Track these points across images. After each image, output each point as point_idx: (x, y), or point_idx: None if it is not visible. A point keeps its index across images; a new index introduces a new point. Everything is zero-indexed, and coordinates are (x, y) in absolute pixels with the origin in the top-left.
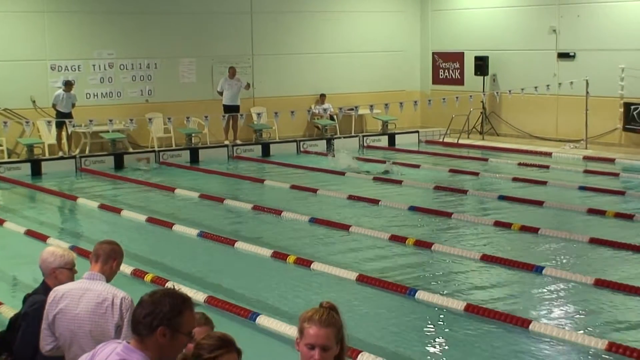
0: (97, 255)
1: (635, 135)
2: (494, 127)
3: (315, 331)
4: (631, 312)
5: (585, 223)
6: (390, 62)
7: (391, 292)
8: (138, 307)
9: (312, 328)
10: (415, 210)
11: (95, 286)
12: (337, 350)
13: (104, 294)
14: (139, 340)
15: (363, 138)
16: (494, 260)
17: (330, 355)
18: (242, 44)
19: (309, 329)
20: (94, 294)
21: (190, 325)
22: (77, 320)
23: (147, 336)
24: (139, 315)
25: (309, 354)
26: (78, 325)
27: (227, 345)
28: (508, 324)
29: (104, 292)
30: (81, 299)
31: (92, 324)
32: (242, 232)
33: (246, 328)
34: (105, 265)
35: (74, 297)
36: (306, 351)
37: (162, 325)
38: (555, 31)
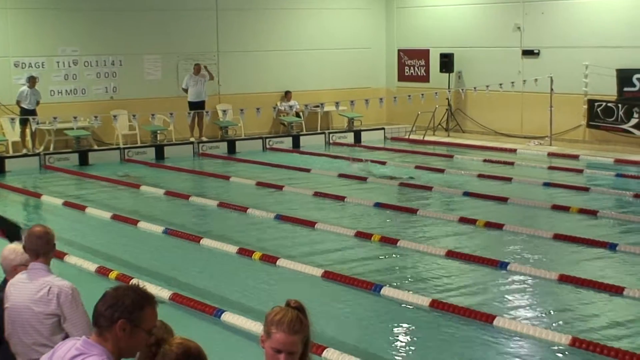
0: (35, 246)
1: (599, 132)
2: (460, 124)
3: (283, 338)
4: (594, 307)
5: (550, 219)
6: (356, 59)
7: (356, 289)
8: (101, 300)
9: (279, 334)
10: (381, 206)
11: (36, 276)
12: (301, 349)
13: (43, 284)
14: (99, 333)
15: (329, 135)
16: (459, 256)
17: (295, 357)
18: (208, 41)
19: (277, 334)
20: (35, 285)
21: (150, 323)
22: (15, 310)
23: (107, 329)
24: (100, 307)
25: (275, 357)
26: (17, 314)
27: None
28: (473, 320)
29: (44, 282)
30: (23, 290)
31: (30, 314)
32: (207, 229)
33: (211, 325)
34: (46, 255)
35: (18, 288)
36: (272, 353)
37: (122, 318)
38: (519, 28)
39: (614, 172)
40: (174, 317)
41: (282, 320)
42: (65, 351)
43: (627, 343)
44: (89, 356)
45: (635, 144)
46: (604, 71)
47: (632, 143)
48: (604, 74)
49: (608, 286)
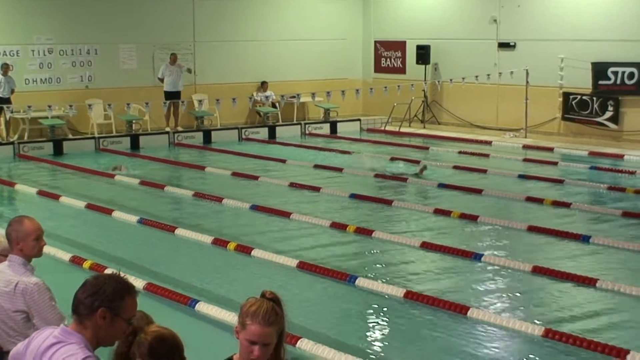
0: (9, 237)
1: (573, 125)
2: (435, 116)
3: (258, 330)
4: (568, 298)
5: (524, 211)
6: (332, 50)
7: (331, 279)
8: (81, 288)
9: (254, 325)
10: (356, 197)
11: (8, 269)
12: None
13: (11, 279)
14: (78, 321)
15: (305, 126)
16: (434, 248)
17: (270, 348)
18: (184, 30)
19: (252, 326)
20: (4, 278)
21: (130, 312)
22: None
23: (86, 317)
24: (80, 295)
25: (249, 348)
26: None
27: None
28: (447, 311)
29: (12, 276)
30: None
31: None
32: (182, 219)
33: (185, 315)
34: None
35: None
36: (246, 345)
37: (103, 306)
38: (496, 21)
39: (588, 164)
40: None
41: (257, 312)
42: (43, 339)
43: (599, 334)
44: (66, 344)
45: (609, 136)
46: (579, 64)
47: (607, 136)
48: (579, 67)
49: (581, 278)
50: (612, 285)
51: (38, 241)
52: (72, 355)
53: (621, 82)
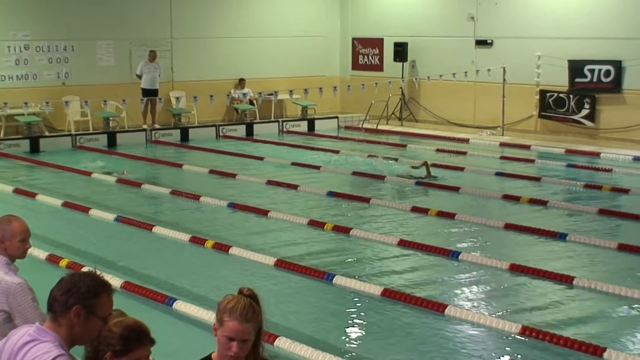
0: None
1: (550, 122)
2: (413, 113)
3: (236, 326)
4: (545, 296)
5: (501, 209)
6: (310, 47)
7: (309, 277)
8: (56, 286)
9: (232, 322)
10: (334, 195)
11: None
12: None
13: None
14: (53, 319)
15: (282, 123)
16: (411, 246)
17: (248, 345)
18: (161, 27)
19: (229, 322)
20: None
21: (106, 310)
22: None
23: (61, 314)
24: (56, 293)
25: (228, 345)
26: None
27: (141, 338)
28: (425, 309)
29: None
30: None
31: None
32: (159, 216)
33: (163, 313)
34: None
35: None
36: (225, 341)
37: (77, 304)
38: (473, 18)
39: (565, 162)
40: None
41: (234, 309)
42: (18, 337)
43: (576, 332)
44: (41, 342)
45: (585, 134)
46: (555, 62)
47: (583, 133)
48: (555, 64)
49: (558, 275)
50: (589, 282)
51: (24, 243)
52: (46, 353)
53: (598, 79)
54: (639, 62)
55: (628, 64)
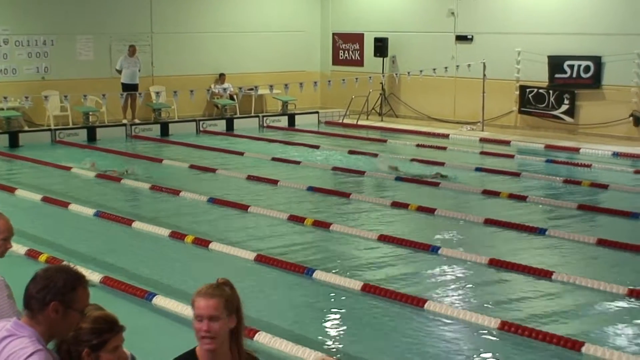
0: None
1: (530, 118)
2: (393, 109)
3: (201, 302)
4: (524, 291)
5: (481, 204)
6: (290, 43)
7: (289, 272)
8: (31, 282)
9: (198, 300)
10: (314, 190)
11: None
12: (233, 323)
13: None
14: (30, 316)
15: (263, 118)
16: (391, 240)
17: (221, 326)
18: (141, 21)
19: (196, 302)
20: None
21: (83, 303)
22: None
23: (39, 311)
24: (32, 290)
25: (199, 326)
26: None
27: (114, 327)
28: (404, 303)
29: None
30: None
31: None
32: (139, 211)
33: (142, 308)
34: None
35: None
36: (196, 324)
37: (55, 300)
38: (453, 14)
39: (545, 157)
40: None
41: (201, 290)
42: None
43: (555, 326)
44: (18, 337)
45: (565, 130)
46: (535, 57)
47: (562, 129)
48: (535, 60)
49: (537, 270)
50: (568, 277)
51: (5, 242)
52: (23, 348)
53: (577, 75)
54: (618, 57)
55: (607, 59)
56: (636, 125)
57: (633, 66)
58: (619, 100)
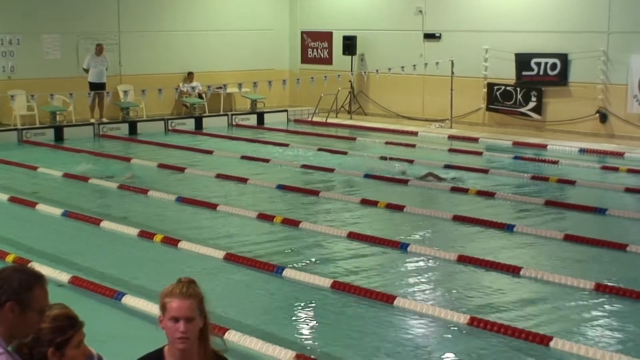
0: None
1: (498, 115)
2: (362, 107)
3: (178, 304)
4: (492, 287)
5: (449, 201)
6: (259, 41)
7: (259, 270)
8: None
9: (174, 301)
10: (283, 188)
11: None
12: (202, 324)
13: None
14: None
15: (232, 117)
16: (360, 238)
17: (194, 326)
18: (109, 20)
19: (171, 303)
20: None
21: (41, 303)
22: None
23: None
24: None
25: (174, 327)
26: None
27: (74, 323)
28: (374, 300)
29: None
30: None
31: None
32: (108, 211)
33: (112, 308)
34: None
35: None
36: (171, 325)
37: (10, 300)
38: (421, 12)
39: (512, 154)
40: (74, 300)
41: (173, 290)
42: None
43: (523, 321)
44: None
45: (532, 126)
46: (503, 55)
47: (530, 126)
48: (503, 57)
49: (506, 266)
50: (536, 273)
51: None
52: None
53: (544, 72)
54: (584, 55)
55: (574, 57)
56: (602, 122)
57: (599, 63)
58: (585, 97)
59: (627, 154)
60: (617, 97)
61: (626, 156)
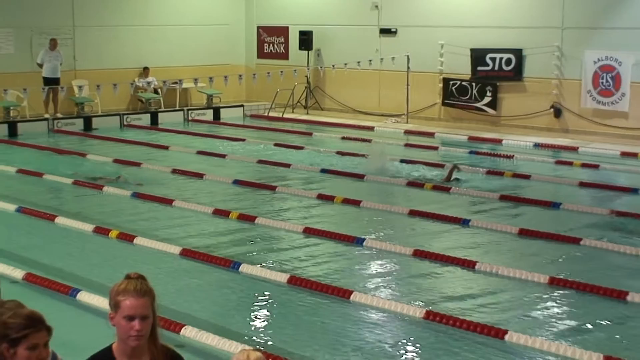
0: None
1: (453, 110)
2: (318, 102)
3: (133, 302)
4: (448, 281)
5: (405, 195)
6: (215, 36)
7: (215, 266)
8: None
9: (128, 299)
10: (240, 184)
11: None
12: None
13: None
14: None
15: (188, 112)
16: (317, 233)
17: (149, 324)
18: (63, 14)
19: (126, 301)
20: None
21: None
22: None
23: None
24: None
25: (128, 325)
26: None
27: (36, 324)
28: (330, 295)
29: None
30: None
31: None
32: (63, 207)
33: (67, 305)
34: None
35: None
36: (124, 324)
37: None
38: (377, 7)
39: (468, 149)
40: (29, 297)
41: (127, 288)
42: None
43: (479, 315)
44: None
45: (488, 121)
46: (458, 50)
47: (485, 121)
48: (458, 53)
49: (461, 261)
50: (491, 267)
51: None
52: None
53: (499, 68)
54: (538, 50)
55: (528, 52)
56: (557, 116)
57: (553, 58)
58: (539, 92)
59: (581, 148)
60: (571, 92)
61: (580, 151)
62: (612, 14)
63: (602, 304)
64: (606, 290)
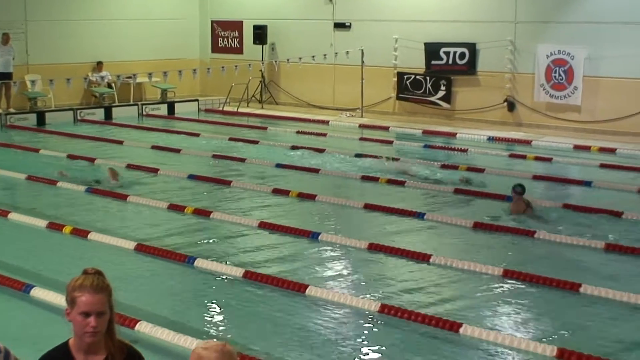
0: None
1: (408, 104)
2: (273, 96)
3: (90, 298)
4: (403, 275)
5: (360, 189)
6: (169, 30)
7: (170, 261)
8: None
9: (84, 296)
10: (195, 178)
11: None
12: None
13: None
14: None
15: (142, 106)
16: (272, 227)
17: (105, 320)
18: (15, 9)
19: (81, 297)
20: None
21: None
22: None
23: None
24: None
25: (85, 321)
26: None
27: None
28: (286, 290)
29: None
30: None
31: None
32: (16, 202)
33: (20, 301)
34: None
35: None
36: (80, 320)
37: None
38: (331, 1)
39: (422, 143)
40: None
41: (84, 284)
42: None
43: (434, 308)
44: None
45: (442, 115)
46: (412, 44)
47: (439, 114)
48: (412, 47)
49: (416, 254)
50: (445, 260)
51: None
52: None
53: (453, 62)
54: (492, 44)
55: (482, 46)
56: (510, 110)
57: (506, 53)
58: (493, 86)
59: (534, 141)
60: (525, 86)
61: (533, 144)
62: (565, 9)
63: (556, 296)
64: (559, 282)
